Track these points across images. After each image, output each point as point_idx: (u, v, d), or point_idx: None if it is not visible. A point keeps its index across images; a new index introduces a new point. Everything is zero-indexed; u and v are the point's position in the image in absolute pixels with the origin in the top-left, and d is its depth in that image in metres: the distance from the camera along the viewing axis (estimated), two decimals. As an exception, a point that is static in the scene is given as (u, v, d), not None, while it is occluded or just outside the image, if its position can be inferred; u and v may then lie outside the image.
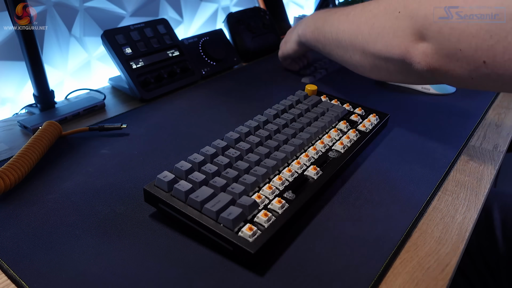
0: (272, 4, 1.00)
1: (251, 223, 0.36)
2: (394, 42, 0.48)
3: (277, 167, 0.43)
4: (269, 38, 0.90)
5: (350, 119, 0.55)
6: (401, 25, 0.47)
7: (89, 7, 0.73)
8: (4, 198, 0.43)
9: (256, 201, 0.37)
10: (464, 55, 0.41)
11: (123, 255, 0.36)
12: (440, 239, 0.38)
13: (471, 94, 0.69)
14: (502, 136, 0.57)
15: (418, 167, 0.49)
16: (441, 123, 0.59)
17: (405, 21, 0.46)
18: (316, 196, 0.41)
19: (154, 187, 0.40)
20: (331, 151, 0.47)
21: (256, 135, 0.48)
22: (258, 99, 0.68)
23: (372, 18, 0.51)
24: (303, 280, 0.33)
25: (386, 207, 0.42)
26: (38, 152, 0.47)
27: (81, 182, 0.46)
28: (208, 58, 0.79)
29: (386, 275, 0.34)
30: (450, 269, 0.35)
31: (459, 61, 0.42)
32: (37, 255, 0.35)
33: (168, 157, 0.51)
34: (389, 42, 0.48)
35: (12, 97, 0.67)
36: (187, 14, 0.92)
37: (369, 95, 0.69)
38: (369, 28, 0.51)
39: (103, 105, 0.65)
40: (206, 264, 0.35)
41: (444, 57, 0.43)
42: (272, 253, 0.36)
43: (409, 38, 0.46)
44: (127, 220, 0.40)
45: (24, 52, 0.57)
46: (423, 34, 0.45)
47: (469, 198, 0.44)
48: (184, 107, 0.65)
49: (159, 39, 0.72)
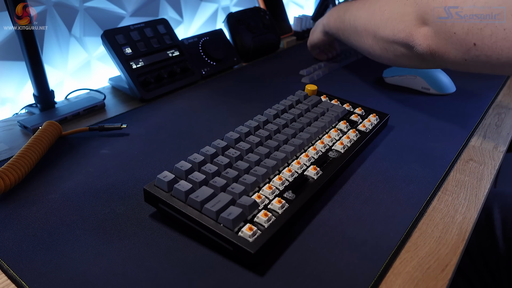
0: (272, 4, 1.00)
1: (251, 223, 0.36)
2: (400, 26, 0.52)
3: (277, 167, 0.43)
4: (269, 38, 0.90)
5: (350, 119, 0.55)
6: (407, 11, 0.51)
7: (89, 7, 0.73)
8: (4, 198, 0.43)
9: (256, 201, 0.37)
10: (457, 38, 0.46)
11: (123, 255, 0.36)
12: (440, 239, 0.38)
13: (471, 94, 0.69)
14: (502, 136, 0.57)
15: (418, 167, 0.49)
16: (441, 123, 0.59)
17: (411, 7, 0.51)
18: (316, 196, 0.41)
19: (154, 187, 0.40)
20: (331, 151, 0.47)
21: (256, 135, 0.48)
22: (258, 99, 0.68)
23: (385, 5, 0.56)
24: (303, 280, 0.33)
25: (386, 207, 0.42)
26: (38, 152, 0.47)
27: (81, 182, 0.46)
28: (208, 58, 0.79)
29: (386, 275, 0.34)
30: (450, 269, 0.35)
31: (454, 44, 0.46)
32: (37, 255, 0.36)
33: (168, 157, 0.51)
34: (396, 27, 0.53)
35: (12, 97, 0.67)
36: (187, 14, 0.92)
37: (369, 95, 0.69)
38: (381, 14, 0.56)
39: (103, 105, 0.65)
40: (206, 264, 0.35)
41: (441, 39, 0.48)
42: (272, 253, 0.36)
43: (413, 23, 0.51)
44: (127, 220, 0.40)
45: (24, 52, 0.57)
46: (425, 18, 0.49)
47: (469, 198, 0.44)
48: (184, 107, 0.65)
49: (159, 39, 0.72)
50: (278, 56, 0.91)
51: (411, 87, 0.71)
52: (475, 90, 0.70)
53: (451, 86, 0.70)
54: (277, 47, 0.94)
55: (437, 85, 0.69)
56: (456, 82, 0.71)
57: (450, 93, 0.69)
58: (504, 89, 0.72)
